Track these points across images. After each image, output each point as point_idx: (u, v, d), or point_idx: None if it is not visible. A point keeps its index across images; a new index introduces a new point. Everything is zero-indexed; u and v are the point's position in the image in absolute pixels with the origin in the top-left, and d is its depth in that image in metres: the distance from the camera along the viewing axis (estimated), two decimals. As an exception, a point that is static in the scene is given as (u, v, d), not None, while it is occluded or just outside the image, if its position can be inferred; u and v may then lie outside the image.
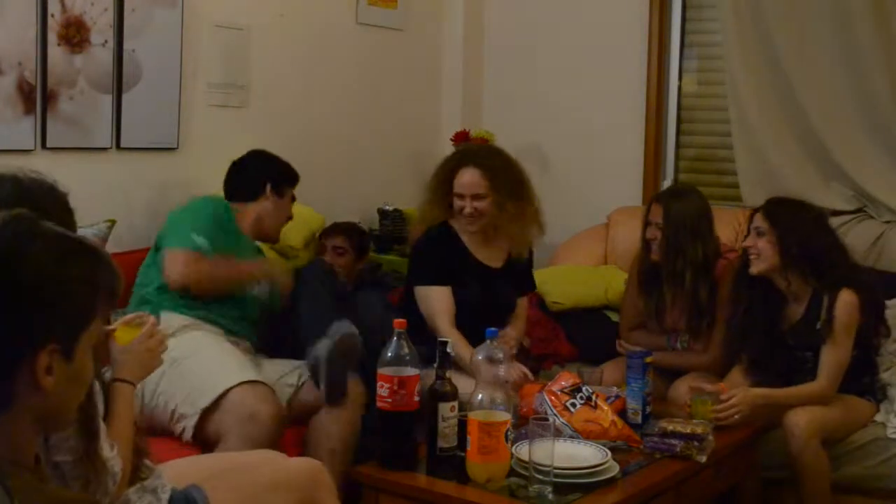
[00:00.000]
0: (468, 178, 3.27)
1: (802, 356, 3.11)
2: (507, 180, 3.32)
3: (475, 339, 2.81)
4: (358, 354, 2.97)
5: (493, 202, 3.27)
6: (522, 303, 3.53)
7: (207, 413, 2.74)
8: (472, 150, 3.59)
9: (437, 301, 3.25)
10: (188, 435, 2.75)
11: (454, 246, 3.36)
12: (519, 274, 3.48)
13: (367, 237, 4.09)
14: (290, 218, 3.45)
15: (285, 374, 3.06)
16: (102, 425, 1.87)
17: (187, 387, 2.78)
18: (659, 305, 3.44)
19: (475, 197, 3.26)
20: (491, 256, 3.40)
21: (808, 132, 4.00)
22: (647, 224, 3.38)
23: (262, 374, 2.94)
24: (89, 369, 1.38)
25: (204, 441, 2.76)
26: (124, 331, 2.07)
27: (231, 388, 2.74)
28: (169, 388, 2.79)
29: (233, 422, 2.70)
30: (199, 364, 2.83)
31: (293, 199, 3.45)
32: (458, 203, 3.29)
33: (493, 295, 3.35)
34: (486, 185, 3.26)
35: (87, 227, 3.04)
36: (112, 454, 1.86)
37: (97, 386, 1.88)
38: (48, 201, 1.81)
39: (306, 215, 3.81)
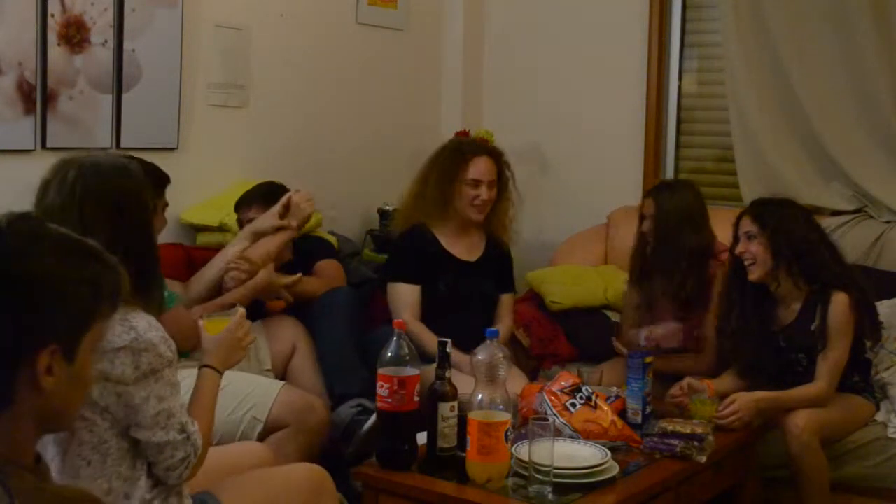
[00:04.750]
0: (485, 166, 3.41)
1: (795, 358, 3.10)
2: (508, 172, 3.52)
3: (455, 330, 2.87)
4: None
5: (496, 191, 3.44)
6: (506, 300, 3.59)
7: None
8: (474, 141, 3.62)
9: (403, 296, 3.40)
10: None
11: (429, 243, 3.47)
12: (499, 271, 3.57)
13: (283, 190, 3.49)
14: None
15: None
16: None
17: (242, 405, 2.84)
18: (649, 297, 3.44)
19: (491, 184, 3.41)
20: (465, 251, 3.51)
21: (808, 132, 4.00)
22: (642, 218, 3.42)
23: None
24: (91, 371, 1.38)
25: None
26: (213, 322, 2.19)
27: (280, 390, 2.91)
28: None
29: (291, 414, 2.85)
30: (235, 386, 2.86)
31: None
32: (469, 192, 3.39)
33: (468, 286, 3.45)
34: (496, 172, 3.44)
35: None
36: (194, 429, 1.95)
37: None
38: None
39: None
